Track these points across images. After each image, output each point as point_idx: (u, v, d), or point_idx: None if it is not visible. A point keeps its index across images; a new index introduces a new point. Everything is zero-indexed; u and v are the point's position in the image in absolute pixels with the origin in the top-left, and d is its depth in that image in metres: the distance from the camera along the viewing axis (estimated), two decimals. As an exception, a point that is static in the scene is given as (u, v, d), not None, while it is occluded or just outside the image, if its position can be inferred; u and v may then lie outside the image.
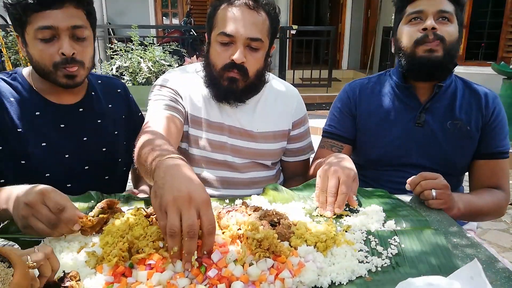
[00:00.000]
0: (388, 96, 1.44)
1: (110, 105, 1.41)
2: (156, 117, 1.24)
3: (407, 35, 1.32)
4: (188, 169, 0.83)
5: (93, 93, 1.38)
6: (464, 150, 1.38)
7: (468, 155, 1.39)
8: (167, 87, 1.35)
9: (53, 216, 0.85)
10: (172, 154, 0.89)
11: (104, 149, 1.35)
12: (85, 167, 1.31)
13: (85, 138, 1.31)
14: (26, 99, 1.23)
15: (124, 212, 1.00)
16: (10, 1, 1.13)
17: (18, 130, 1.20)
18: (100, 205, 0.97)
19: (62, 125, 1.27)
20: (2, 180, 1.20)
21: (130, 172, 1.56)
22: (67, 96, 1.30)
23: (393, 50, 1.42)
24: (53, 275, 0.72)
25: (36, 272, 0.68)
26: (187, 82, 1.38)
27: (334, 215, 1.06)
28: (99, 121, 1.36)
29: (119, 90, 1.47)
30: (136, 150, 1.09)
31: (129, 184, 1.58)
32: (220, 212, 0.96)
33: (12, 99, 1.21)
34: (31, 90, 1.25)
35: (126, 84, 5.75)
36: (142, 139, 1.08)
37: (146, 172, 0.95)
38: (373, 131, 1.45)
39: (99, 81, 1.43)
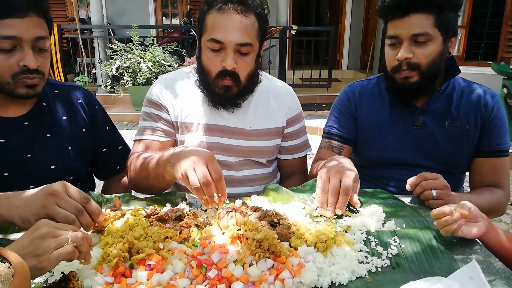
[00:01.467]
0: (387, 98, 1.45)
1: (65, 117, 1.28)
2: (145, 144, 1.35)
3: (387, 58, 1.35)
4: (191, 146, 1.12)
5: (44, 103, 1.25)
6: (464, 149, 1.39)
7: (468, 153, 1.40)
8: (156, 104, 1.38)
9: (79, 205, 0.86)
10: (175, 148, 1.10)
11: (52, 167, 1.22)
12: (30, 187, 1.14)
13: (29, 155, 1.19)
14: None
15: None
16: None
17: None
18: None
19: (1, 140, 1.16)
20: None
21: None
22: (12, 108, 1.18)
23: None
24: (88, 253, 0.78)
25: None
26: (176, 90, 1.39)
27: (335, 215, 1.06)
28: (48, 135, 1.23)
29: (79, 100, 1.33)
30: (135, 164, 1.26)
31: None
32: (220, 213, 0.96)
33: None
34: None
35: (127, 85, 5.74)
36: (139, 158, 1.26)
37: (153, 169, 1.15)
38: (373, 132, 1.45)
39: (56, 90, 1.30)
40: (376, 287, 0.80)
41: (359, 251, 0.90)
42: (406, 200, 1.20)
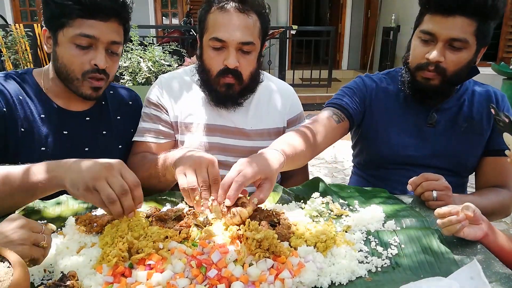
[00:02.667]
0: (400, 95, 1.41)
1: (118, 117, 1.37)
2: (144, 146, 1.36)
3: (414, 53, 1.29)
4: (194, 149, 1.12)
5: (103, 102, 1.35)
6: (476, 149, 1.37)
7: (478, 152, 1.38)
8: (155, 104, 1.38)
9: (127, 186, 0.87)
10: (178, 149, 1.14)
11: None
12: None
13: (86, 149, 1.28)
14: (33, 101, 1.21)
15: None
16: (56, 0, 1.11)
17: (22, 130, 1.17)
18: None
19: (65, 132, 1.24)
20: None
21: None
22: (76, 103, 1.27)
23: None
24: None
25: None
26: (176, 90, 1.39)
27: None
28: (104, 132, 1.32)
29: (130, 102, 1.42)
30: (136, 165, 1.27)
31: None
32: (222, 211, 0.96)
33: (20, 97, 1.19)
34: (39, 92, 1.22)
35: (126, 84, 5.76)
36: (140, 159, 1.28)
37: (155, 169, 1.17)
38: (384, 127, 1.41)
39: (111, 91, 1.39)
40: (376, 287, 0.79)
41: (359, 251, 0.90)
42: (407, 200, 1.19)
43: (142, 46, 5.77)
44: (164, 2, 9.57)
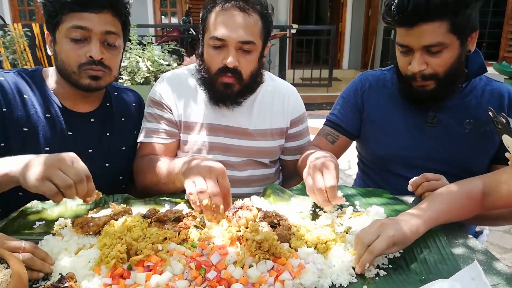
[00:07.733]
0: (399, 91, 1.34)
1: (123, 119, 1.35)
2: (152, 147, 1.36)
3: (400, 64, 1.25)
4: (203, 156, 1.16)
5: (108, 104, 1.33)
6: (482, 152, 1.29)
7: (487, 157, 1.30)
8: (159, 104, 1.36)
9: (82, 174, 0.88)
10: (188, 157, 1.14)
11: (107, 165, 1.29)
12: None
13: (90, 150, 1.26)
14: (39, 100, 1.20)
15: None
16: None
17: (25, 129, 1.17)
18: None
19: (70, 133, 1.23)
20: None
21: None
22: (82, 104, 1.26)
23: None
24: (47, 267, 0.79)
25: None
26: (179, 89, 1.38)
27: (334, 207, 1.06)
28: (107, 134, 1.30)
29: (134, 104, 1.41)
30: (143, 168, 1.28)
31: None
32: (227, 216, 0.95)
33: (25, 96, 1.18)
34: (46, 92, 1.22)
35: (125, 84, 5.74)
36: (148, 163, 1.27)
37: (164, 176, 1.18)
38: (381, 125, 1.38)
39: (115, 93, 1.38)
40: (377, 288, 0.79)
41: (359, 252, 0.89)
42: (408, 200, 1.19)
43: (141, 46, 5.76)
44: (163, 1, 9.56)
